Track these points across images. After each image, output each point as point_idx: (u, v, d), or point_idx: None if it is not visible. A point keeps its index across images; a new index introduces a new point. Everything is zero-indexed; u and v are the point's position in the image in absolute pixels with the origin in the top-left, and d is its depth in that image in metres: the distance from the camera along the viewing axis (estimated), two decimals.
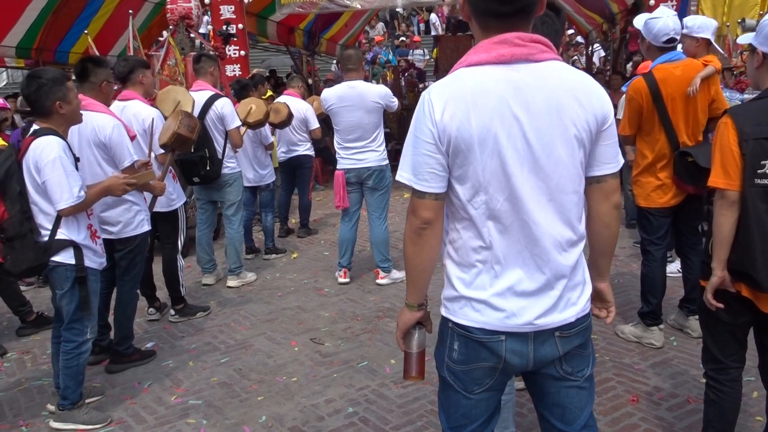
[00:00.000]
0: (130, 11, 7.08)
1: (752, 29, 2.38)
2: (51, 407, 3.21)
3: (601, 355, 3.60)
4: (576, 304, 1.63)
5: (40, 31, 9.27)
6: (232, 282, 5.08)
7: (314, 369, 3.59)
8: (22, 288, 4.84)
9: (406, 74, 13.07)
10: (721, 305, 2.24)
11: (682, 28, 3.62)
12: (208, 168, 4.68)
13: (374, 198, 4.92)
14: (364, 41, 16.00)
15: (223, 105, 4.79)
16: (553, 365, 1.67)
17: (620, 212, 1.70)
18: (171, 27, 6.80)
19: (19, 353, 4.05)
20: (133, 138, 3.62)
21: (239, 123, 4.93)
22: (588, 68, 13.12)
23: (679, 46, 3.63)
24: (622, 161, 1.67)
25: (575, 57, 14.87)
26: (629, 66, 11.62)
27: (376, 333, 4.04)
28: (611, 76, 9.07)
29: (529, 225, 1.56)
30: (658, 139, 3.54)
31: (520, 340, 1.61)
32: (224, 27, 7.70)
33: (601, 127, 1.58)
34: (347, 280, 5.04)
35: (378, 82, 12.76)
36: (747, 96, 5.65)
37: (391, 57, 15.18)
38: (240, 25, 8.05)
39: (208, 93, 4.81)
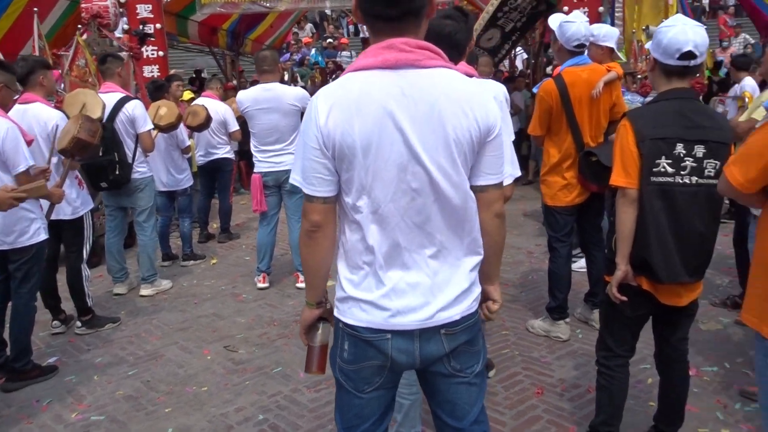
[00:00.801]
0: (35, 9, 6.73)
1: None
2: None
3: (512, 350, 3.70)
4: (461, 303, 1.66)
5: None
6: (145, 291, 4.91)
7: (226, 377, 3.51)
8: None
9: (334, 76, 13.04)
10: (624, 298, 2.35)
11: (591, 35, 3.76)
12: (117, 173, 4.50)
13: (292, 201, 4.87)
14: (292, 42, 15.85)
15: (134, 107, 4.62)
16: (442, 362, 1.70)
17: (503, 221, 1.73)
18: (80, 26, 6.50)
19: None
20: (30, 142, 3.43)
21: (151, 126, 4.77)
22: (511, 71, 13.51)
23: (586, 51, 3.78)
24: (507, 173, 1.71)
25: (502, 53, 15.22)
26: (549, 69, 12.06)
27: (292, 338, 3.99)
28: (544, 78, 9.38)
29: (411, 228, 1.60)
30: (565, 140, 3.67)
31: (405, 338, 1.64)
32: (140, 27, 7.45)
33: (485, 138, 1.60)
34: (266, 284, 4.97)
35: (306, 84, 12.68)
36: (649, 99, 5.96)
37: (319, 59, 15.11)
38: (158, 25, 7.83)
39: (117, 95, 4.62)
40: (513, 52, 14.14)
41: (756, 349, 1.67)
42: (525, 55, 14.08)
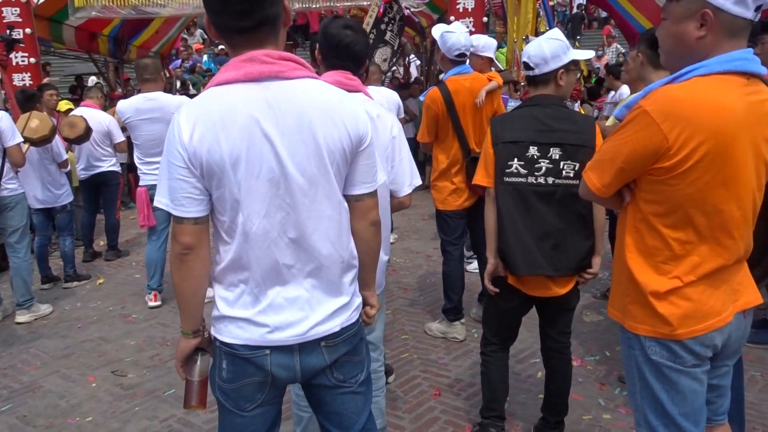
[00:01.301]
0: None
1: None
2: None
3: (411, 354, 3.75)
4: (340, 315, 1.66)
5: None
6: (21, 317, 4.53)
7: (113, 404, 3.31)
8: None
9: None
10: (496, 290, 2.52)
11: (471, 45, 3.91)
12: None
13: None
14: (182, 49, 15.30)
15: (0, 119, 4.26)
16: (325, 374, 1.69)
17: (378, 229, 1.75)
18: None
19: None
20: None
21: (20, 139, 4.41)
22: (406, 78, 13.79)
23: (468, 61, 3.92)
24: (380, 181, 1.73)
25: (395, 68, 15.52)
26: (442, 76, 12.43)
27: None
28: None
29: (288, 244, 1.58)
30: (452, 146, 3.79)
31: (285, 353, 1.62)
32: (7, 32, 6.89)
33: (357, 148, 1.60)
34: (158, 303, 4.74)
35: (198, 91, 12.27)
36: None
37: (212, 66, 14.68)
38: (28, 30, 7.29)
39: None
40: (407, 59, 14.49)
41: (620, 340, 1.79)
42: (418, 62, 14.44)
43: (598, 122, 5.54)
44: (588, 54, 2.73)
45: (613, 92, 7.36)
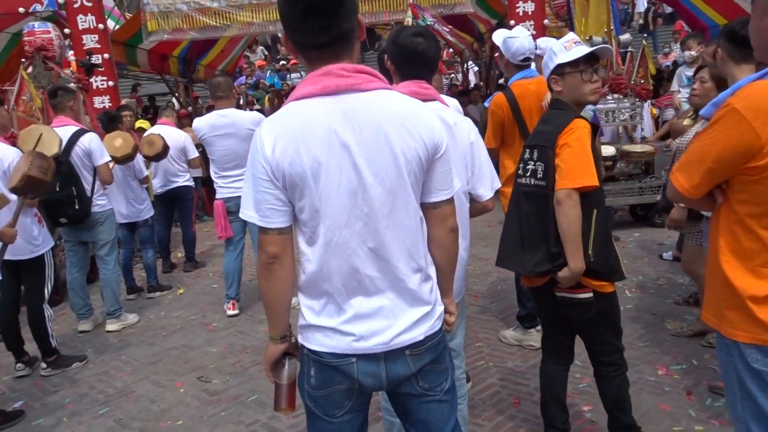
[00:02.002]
0: None
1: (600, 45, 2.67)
2: None
3: (486, 361, 3.74)
4: (424, 323, 1.68)
5: None
6: (111, 326, 4.79)
7: (201, 409, 3.45)
8: None
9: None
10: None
11: (536, 48, 3.89)
12: (76, 207, 4.41)
13: (257, 226, 4.83)
14: (245, 66, 15.80)
15: (90, 140, 4.54)
16: (410, 383, 1.71)
17: (456, 235, 1.76)
18: (24, 60, 6.35)
19: None
20: None
21: (108, 158, 4.68)
22: (464, 85, 13.76)
23: (533, 64, 3.90)
24: (457, 187, 1.75)
25: (452, 74, 15.54)
26: (501, 81, 12.33)
27: None
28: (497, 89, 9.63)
29: (366, 253, 1.61)
30: (519, 151, 3.75)
31: (371, 361, 1.65)
32: (87, 57, 7.32)
33: (432, 156, 1.63)
34: (236, 311, 4.91)
35: (262, 107, 12.64)
36: (601, 106, 6.17)
37: (275, 80, 15.10)
38: (106, 55, 7.70)
39: (72, 128, 4.54)
40: (465, 66, 14.45)
41: (717, 346, 1.74)
42: (476, 68, 14.38)
43: (674, 120, 5.38)
44: (580, 51, 2.54)
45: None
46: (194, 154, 6.37)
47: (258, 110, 11.59)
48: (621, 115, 6.43)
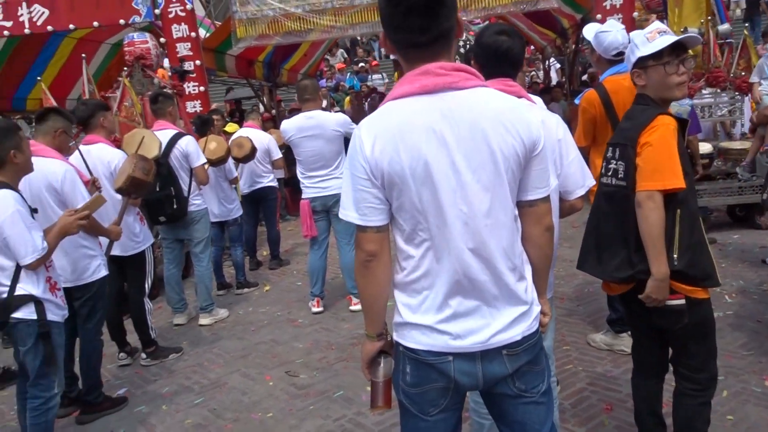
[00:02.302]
0: (83, 55, 7.04)
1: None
2: None
3: (575, 365, 3.64)
4: (521, 323, 1.66)
5: None
6: (204, 320, 5.02)
7: (290, 402, 3.55)
8: None
9: (369, 99, 13.20)
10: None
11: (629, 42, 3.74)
12: (174, 207, 4.65)
13: (341, 225, 4.93)
14: (325, 69, 16.13)
15: (188, 143, 4.78)
16: (506, 383, 1.69)
17: (552, 234, 1.73)
18: (125, 68, 6.76)
19: None
20: (86, 182, 3.57)
21: (204, 160, 4.92)
22: (546, 82, 13.43)
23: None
24: (553, 185, 1.72)
25: (533, 72, 15.20)
26: (585, 77, 11.95)
27: (351, 361, 4.01)
28: (581, 87, 9.36)
29: (466, 251, 1.60)
30: None
31: (467, 360, 1.64)
32: (179, 64, 7.70)
33: (530, 153, 1.61)
34: (321, 309, 5.02)
35: (342, 109, 12.86)
36: (697, 101, 5.86)
37: (354, 83, 15.32)
38: (197, 62, 8.07)
39: (171, 132, 4.80)
40: (547, 63, 14.11)
41: None
42: (558, 65, 14.01)
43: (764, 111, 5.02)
44: (663, 42, 2.27)
45: None
46: (278, 155, 6.57)
47: (338, 112, 11.81)
48: (718, 110, 6.07)
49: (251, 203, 6.60)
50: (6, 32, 7.08)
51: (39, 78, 7.37)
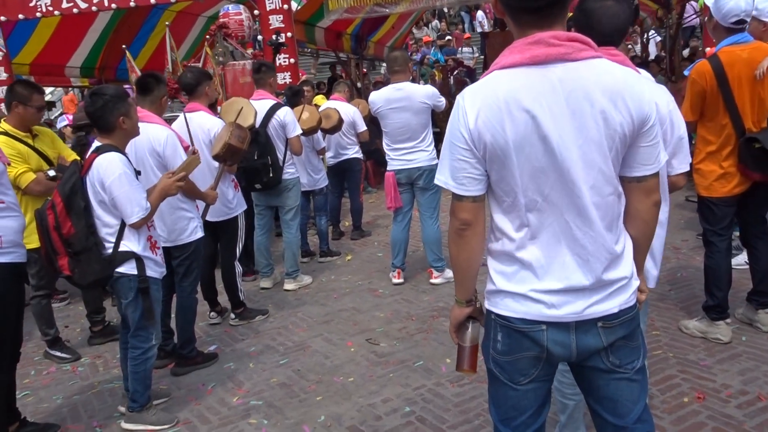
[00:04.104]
0: (167, 23, 7.31)
1: None
2: (122, 409, 3.36)
3: (665, 351, 3.49)
4: (619, 296, 1.63)
5: (102, 50, 9.75)
6: (289, 285, 5.19)
7: (370, 369, 3.62)
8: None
9: (455, 73, 13.01)
10: None
11: (753, 9, 3.46)
12: (270, 175, 4.78)
13: (425, 198, 4.93)
14: (411, 42, 16.01)
15: (285, 114, 4.90)
16: (599, 357, 1.66)
17: (659, 210, 1.68)
18: (208, 37, 6.93)
19: (91, 358, 4.25)
20: (186, 148, 3.74)
21: (300, 131, 5.03)
22: (643, 56, 12.72)
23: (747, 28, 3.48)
24: (663, 161, 1.64)
25: (629, 45, 14.41)
26: (686, 52, 11.22)
27: (431, 332, 4.04)
28: (682, 63, 8.81)
29: (567, 224, 1.58)
30: (724, 125, 3.40)
31: (561, 330, 1.63)
32: (273, 37, 7.86)
33: (640, 129, 1.55)
34: (401, 280, 5.06)
35: (426, 83, 12.75)
36: None
37: (440, 56, 15.14)
38: (289, 34, 8.21)
39: (269, 102, 4.93)
40: (645, 36, 13.33)
41: None
42: (658, 38, 13.22)
43: None
44: None
45: None
46: (363, 127, 6.61)
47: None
48: None
49: (336, 174, 6.70)
50: (113, 5, 7.47)
51: (124, 46, 7.72)
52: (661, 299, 4.25)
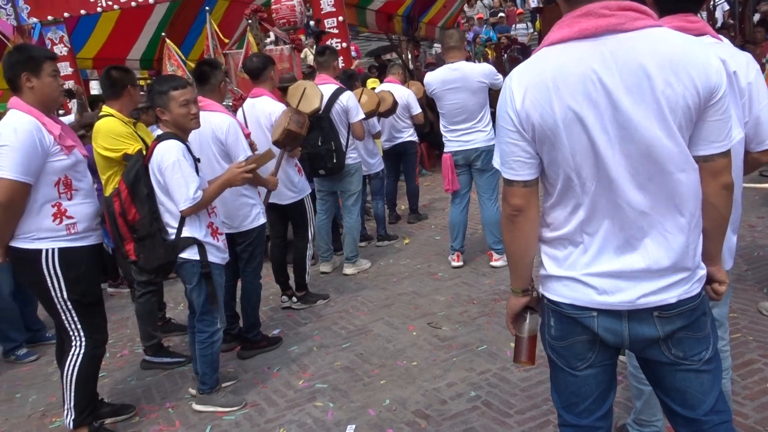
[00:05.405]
0: (207, 8, 7.35)
1: None
2: (192, 391, 3.46)
3: (744, 335, 3.33)
4: (679, 286, 1.53)
5: (159, 42, 9.96)
6: (348, 270, 5.21)
7: (433, 353, 3.60)
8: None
9: (509, 51, 12.71)
10: None
11: None
12: (334, 160, 4.77)
13: (483, 179, 4.84)
14: (462, 21, 15.72)
15: (348, 98, 4.89)
16: (659, 349, 1.58)
17: (730, 193, 1.55)
18: (249, 21, 6.92)
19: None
20: (247, 135, 3.78)
21: (363, 115, 5.01)
22: (710, 23, 12.08)
23: None
24: (736, 138, 1.52)
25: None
26: (756, 17, 10.58)
27: (493, 316, 3.98)
28: (755, 29, 8.33)
29: (622, 207, 1.49)
30: None
31: (612, 317, 1.56)
32: (312, 24, 7.81)
33: (706, 102, 1.44)
34: (460, 263, 5.00)
35: (479, 62, 12.52)
36: None
37: (492, 34, 14.83)
38: (340, 18, 8.18)
39: (332, 86, 4.92)
40: (712, 2, 12.65)
41: None
42: (727, 7, 12.52)
43: None
44: None
45: None
46: (417, 110, 6.54)
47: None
48: None
49: (391, 158, 6.66)
50: None
51: (163, 34, 7.81)
52: (737, 280, 4.05)
